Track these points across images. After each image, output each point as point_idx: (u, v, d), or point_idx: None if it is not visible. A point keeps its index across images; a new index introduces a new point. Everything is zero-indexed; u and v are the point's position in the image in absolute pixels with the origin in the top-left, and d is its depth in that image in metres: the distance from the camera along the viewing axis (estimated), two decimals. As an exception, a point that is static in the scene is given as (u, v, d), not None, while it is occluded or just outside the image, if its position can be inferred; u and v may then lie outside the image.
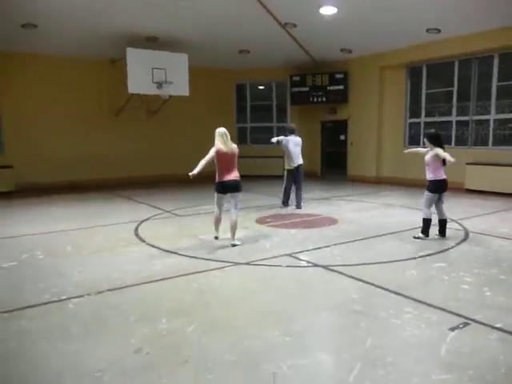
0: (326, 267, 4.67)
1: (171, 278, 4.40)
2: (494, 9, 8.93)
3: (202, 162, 5.50)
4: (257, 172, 14.25)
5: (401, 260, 4.92)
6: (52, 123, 12.12)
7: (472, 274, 4.38)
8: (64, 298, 3.88)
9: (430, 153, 5.99)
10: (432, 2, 8.82)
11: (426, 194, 6.02)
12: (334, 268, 4.63)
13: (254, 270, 4.69)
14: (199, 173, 5.48)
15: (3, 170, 11.15)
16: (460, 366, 2.68)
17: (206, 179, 7.09)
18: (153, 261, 5.01)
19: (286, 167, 8.65)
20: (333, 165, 14.69)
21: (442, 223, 6.04)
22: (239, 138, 15.67)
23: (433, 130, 6.33)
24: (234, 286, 4.18)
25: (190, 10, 9.40)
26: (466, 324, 3.24)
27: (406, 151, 6.91)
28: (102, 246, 5.71)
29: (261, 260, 4.97)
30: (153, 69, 11.38)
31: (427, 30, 10.41)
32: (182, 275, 4.47)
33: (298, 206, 8.47)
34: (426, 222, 5.97)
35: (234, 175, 5.67)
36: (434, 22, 9.93)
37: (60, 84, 12.16)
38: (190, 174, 5.43)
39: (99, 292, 4.02)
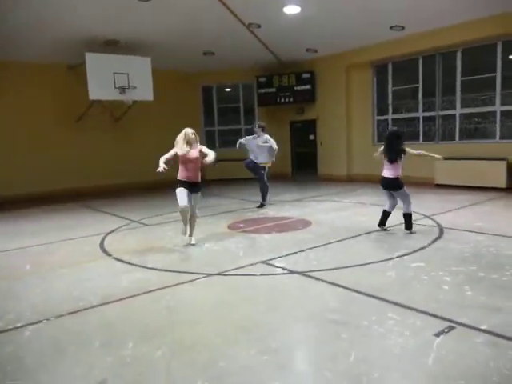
0: (301, 273, 4.47)
1: (138, 295, 4.09)
2: (456, 3, 9.01)
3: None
4: (227, 176, 14.01)
5: (378, 261, 4.77)
6: (10, 133, 11.49)
7: (451, 273, 4.27)
8: (19, 325, 3.53)
9: None
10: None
11: None
12: (310, 274, 4.43)
13: (226, 281, 4.43)
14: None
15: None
16: (450, 377, 2.51)
17: (172, 185, 6.78)
18: (119, 277, 4.69)
19: (268, 165, 8.85)
20: (303, 165, 14.59)
21: (404, 217, 6.03)
22: (207, 141, 15.36)
23: (392, 129, 6.59)
24: (206, 301, 3.92)
25: (150, 11, 9.10)
26: (450, 328, 3.09)
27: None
28: (65, 263, 5.34)
29: (234, 269, 4.72)
30: (114, 74, 10.99)
31: (391, 28, 10.43)
32: (150, 291, 4.17)
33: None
34: (382, 213, 6.21)
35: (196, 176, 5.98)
36: (397, 19, 9.95)
37: (18, 91, 11.54)
38: None
39: (59, 316, 3.69)
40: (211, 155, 5.74)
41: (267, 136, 8.80)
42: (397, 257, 4.90)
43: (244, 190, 11.37)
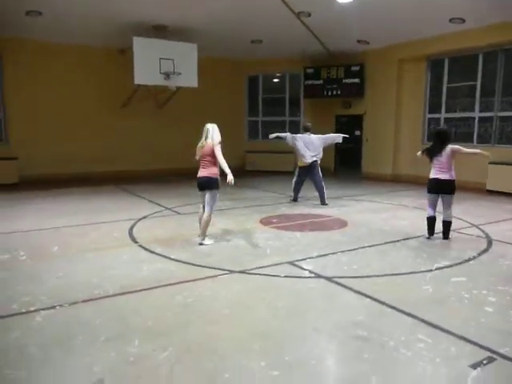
0: (329, 279, 4.18)
1: (156, 287, 3.95)
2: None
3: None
4: (268, 168, 13.78)
5: (415, 272, 4.39)
6: (58, 114, 11.78)
7: (496, 293, 3.83)
8: (33, 309, 3.47)
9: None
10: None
11: None
12: (339, 280, 4.13)
13: (248, 280, 4.21)
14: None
15: (8, 162, 10.91)
16: (484, 420, 2.18)
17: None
18: (140, 266, 4.58)
19: (298, 164, 8.61)
20: (347, 161, 14.09)
21: (444, 225, 5.72)
22: (250, 132, 15.21)
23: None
24: (224, 300, 3.70)
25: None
26: (490, 359, 2.71)
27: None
28: (91, 247, 5.31)
29: (258, 268, 4.48)
30: (160, 59, 10.95)
31: (450, 20, 9.73)
32: (169, 285, 4.02)
33: (322, 203, 8.38)
34: (428, 221, 5.80)
35: (208, 172, 5.36)
36: (459, 11, 9.26)
37: (66, 73, 11.81)
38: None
39: (73, 303, 3.60)
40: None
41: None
42: (436, 269, 4.49)
43: (284, 184, 11.07)
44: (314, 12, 10.09)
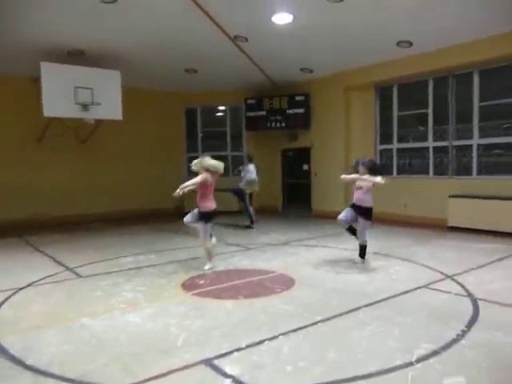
0: (263, 395, 2.69)
1: None
2: (472, 17, 7.56)
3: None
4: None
5: (389, 369, 2.97)
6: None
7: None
8: None
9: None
10: (403, 10, 7.44)
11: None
12: (278, 398, 2.65)
13: (134, 409, 2.63)
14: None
15: None
16: None
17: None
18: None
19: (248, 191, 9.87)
20: (295, 199, 12.89)
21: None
22: (189, 168, 13.75)
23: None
24: None
25: (122, 19, 7.74)
26: None
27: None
28: None
29: (156, 378, 2.92)
30: (76, 88, 9.43)
31: (397, 44, 8.95)
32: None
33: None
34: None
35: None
36: (406, 33, 8.51)
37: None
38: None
39: None
40: None
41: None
42: (417, 360, 3.10)
43: (228, 227, 9.66)
44: (252, 36, 9.11)
